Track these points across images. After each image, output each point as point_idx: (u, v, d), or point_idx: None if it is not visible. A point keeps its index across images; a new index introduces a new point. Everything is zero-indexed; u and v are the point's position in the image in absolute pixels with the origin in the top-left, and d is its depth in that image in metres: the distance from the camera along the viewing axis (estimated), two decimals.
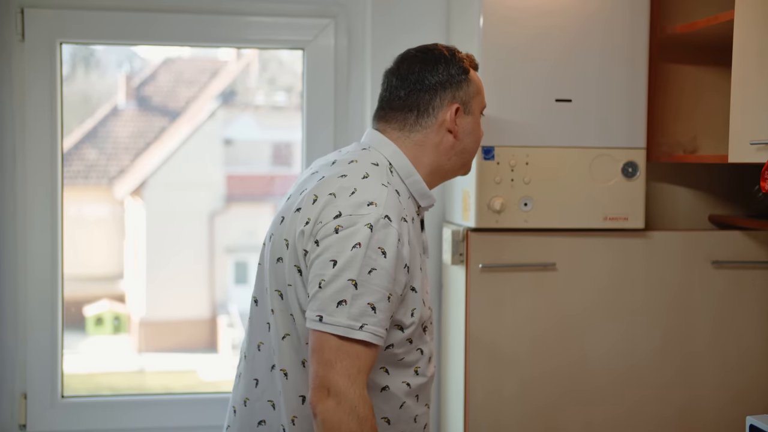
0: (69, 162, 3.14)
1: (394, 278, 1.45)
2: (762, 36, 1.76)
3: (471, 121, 1.66)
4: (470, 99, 1.65)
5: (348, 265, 1.42)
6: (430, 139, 1.61)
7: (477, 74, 1.69)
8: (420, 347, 1.59)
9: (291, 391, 1.54)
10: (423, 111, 1.61)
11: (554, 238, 2.26)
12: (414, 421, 1.60)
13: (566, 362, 2.28)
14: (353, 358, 1.40)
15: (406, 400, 1.57)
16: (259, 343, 1.60)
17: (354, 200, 1.47)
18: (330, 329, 1.40)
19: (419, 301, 1.54)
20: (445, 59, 1.64)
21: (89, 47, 3.00)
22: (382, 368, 1.55)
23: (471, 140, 1.66)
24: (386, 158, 1.59)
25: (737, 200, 2.52)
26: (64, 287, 2.59)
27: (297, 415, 1.54)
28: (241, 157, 3.53)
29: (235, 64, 3.54)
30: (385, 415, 1.57)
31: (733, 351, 2.34)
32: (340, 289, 1.41)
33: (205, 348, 3.61)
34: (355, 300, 1.41)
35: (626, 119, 2.25)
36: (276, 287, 1.55)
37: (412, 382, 1.58)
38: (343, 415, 1.37)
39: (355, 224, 1.44)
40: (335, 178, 1.52)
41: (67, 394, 2.61)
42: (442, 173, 1.66)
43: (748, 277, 2.33)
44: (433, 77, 1.62)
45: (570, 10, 2.21)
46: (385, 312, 1.43)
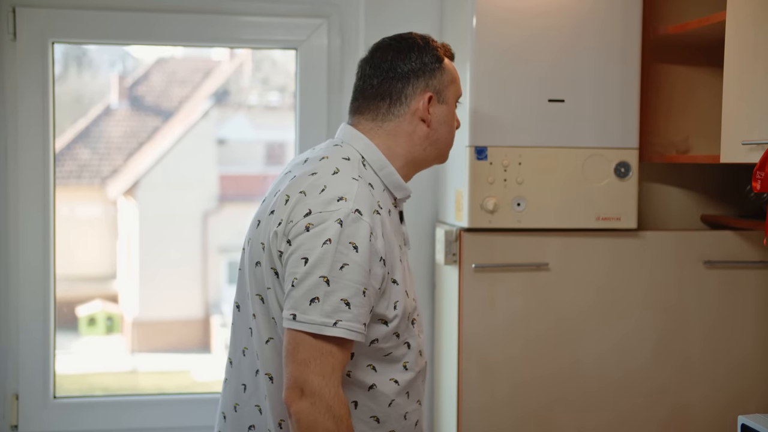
0: (61, 162, 3.13)
1: (368, 272, 1.43)
2: (753, 36, 1.77)
3: (445, 110, 1.63)
4: (444, 88, 1.63)
5: (319, 262, 1.41)
6: (402, 128, 1.60)
7: (452, 63, 1.66)
8: (407, 341, 1.57)
9: (276, 394, 1.53)
10: (395, 99, 1.60)
11: (547, 238, 2.27)
12: (404, 419, 1.58)
13: (559, 362, 2.28)
14: (327, 356, 1.39)
15: (396, 398, 1.56)
16: (244, 348, 1.59)
17: (323, 197, 1.46)
18: (303, 327, 1.39)
19: (402, 293, 1.53)
20: (419, 47, 1.62)
21: (82, 47, 2.99)
22: (369, 366, 1.54)
23: (445, 129, 1.64)
24: (359, 152, 1.58)
25: (729, 200, 2.52)
26: (57, 287, 2.58)
27: (284, 418, 1.53)
28: (235, 157, 3.52)
29: (228, 63, 3.53)
30: (374, 414, 1.55)
31: (726, 350, 2.34)
32: (312, 287, 1.40)
33: (198, 348, 3.61)
34: (327, 297, 1.40)
35: (619, 119, 2.26)
36: (257, 291, 1.54)
37: (401, 379, 1.56)
38: (318, 415, 1.37)
39: (325, 221, 1.43)
40: (306, 176, 1.51)
41: (60, 395, 2.60)
42: (417, 163, 1.64)
43: (740, 277, 2.34)
44: (406, 65, 1.60)
45: (563, 11, 2.22)
46: (360, 307, 1.42)
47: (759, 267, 2.34)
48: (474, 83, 2.20)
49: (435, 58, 1.62)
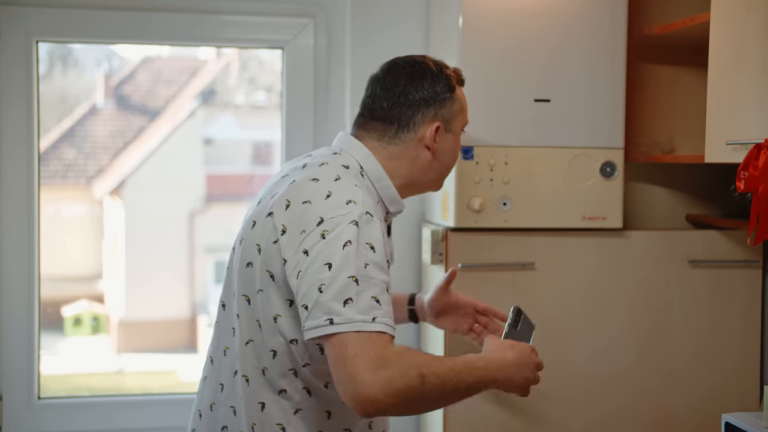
0: (47, 161, 3.12)
1: (386, 270, 1.44)
2: (737, 37, 1.78)
3: (451, 139, 1.65)
4: (453, 117, 1.64)
5: (344, 264, 1.39)
6: (407, 154, 1.61)
7: (462, 91, 1.68)
8: None
9: (251, 397, 1.52)
10: (404, 125, 1.60)
11: (533, 238, 2.27)
12: (369, 428, 1.59)
13: (546, 361, 2.27)
14: (376, 341, 1.36)
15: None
16: (225, 347, 1.59)
17: (332, 203, 1.45)
18: (345, 328, 1.36)
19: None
20: (432, 75, 1.62)
21: (67, 46, 2.98)
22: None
23: (449, 158, 1.66)
24: (357, 161, 1.58)
25: (714, 200, 2.54)
26: (42, 288, 2.57)
27: (256, 422, 1.52)
28: (221, 157, 3.52)
29: (214, 63, 3.53)
30: (347, 426, 1.56)
31: (710, 349, 2.35)
32: (343, 288, 1.38)
33: (184, 348, 3.60)
34: (359, 296, 1.38)
35: (605, 119, 2.26)
36: (244, 292, 1.53)
37: None
38: (403, 381, 1.34)
39: (340, 224, 1.42)
40: (306, 181, 1.50)
41: (44, 396, 2.59)
42: (415, 186, 1.66)
43: (725, 276, 2.35)
44: (418, 93, 1.61)
45: (549, 12, 2.22)
46: (387, 304, 1.41)
47: (744, 266, 2.35)
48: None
49: (447, 87, 1.63)
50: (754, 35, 1.71)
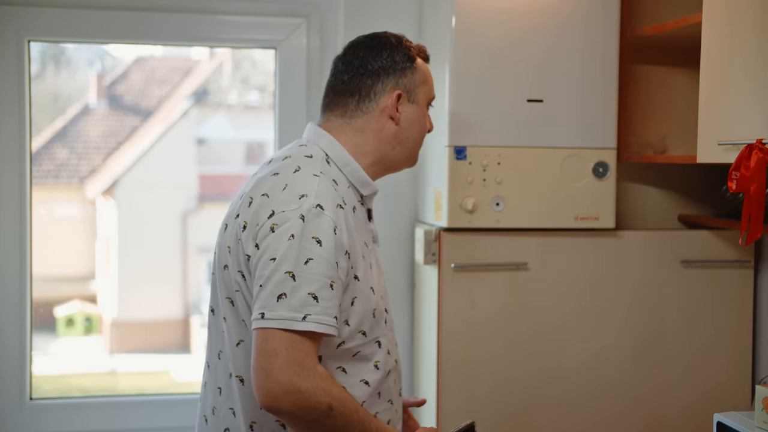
0: (39, 161, 3.11)
1: (334, 265, 1.42)
2: (729, 38, 1.78)
3: (415, 109, 1.63)
4: (415, 87, 1.63)
5: (284, 259, 1.39)
6: (370, 126, 1.60)
7: (426, 65, 1.66)
8: (378, 339, 1.57)
9: (248, 396, 1.52)
10: (364, 96, 1.60)
11: (526, 238, 2.27)
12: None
13: (539, 361, 2.29)
14: (298, 344, 1.37)
15: (367, 399, 1.55)
16: (219, 351, 1.59)
17: (285, 196, 1.46)
18: (273, 324, 1.37)
19: (365, 290, 1.52)
20: (391, 45, 1.63)
21: (59, 45, 2.97)
22: (339, 368, 1.53)
23: (415, 129, 1.63)
24: (322, 149, 1.57)
25: (706, 200, 2.54)
26: (35, 288, 2.56)
27: (255, 420, 1.53)
28: (214, 157, 3.51)
29: (207, 63, 3.52)
30: None
31: (702, 349, 2.36)
32: (279, 283, 1.39)
33: (177, 348, 3.59)
34: (294, 292, 1.38)
35: (597, 120, 2.27)
36: (227, 295, 1.54)
37: (372, 379, 1.55)
38: (307, 401, 1.36)
39: (289, 219, 1.42)
40: (269, 176, 1.51)
41: (36, 396, 2.58)
42: (386, 163, 1.63)
43: (716, 276, 2.36)
44: (376, 62, 1.61)
45: (541, 12, 2.23)
46: (329, 300, 1.40)
47: (735, 266, 2.36)
48: (453, 83, 2.20)
49: (406, 57, 1.62)
50: (746, 36, 1.72)
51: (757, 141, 1.63)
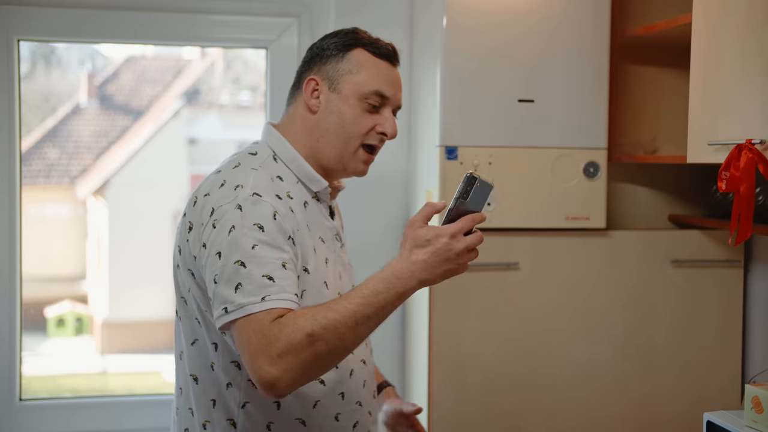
0: (29, 161, 3.10)
1: (281, 248, 1.41)
2: (719, 38, 1.79)
3: (336, 99, 1.54)
4: (339, 76, 1.54)
5: (231, 250, 1.38)
6: (297, 113, 1.57)
7: (369, 58, 1.55)
8: None
9: (201, 395, 1.51)
10: (296, 82, 1.59)
11: (517, 238, 2.28)
12: (336, 420, 1.54)
13: (528, 360, 2.29)
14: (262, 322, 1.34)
15: (323, 399, 1.52)
16: (180, 352, 1.58)
17: (223, 191, 1.44)
18: (236, 315, 1.35)
19: (314, 285, 1.49)
20: (337, 34, 1.57)
21: (49, 44, 2.96)
22: None
23: (332, 120, 1.54)
24: (270, 147, 1.56)
25: (696, 200, 2.55)
26: (24, 288, 2.55)
27: (208, 419, 1.52)
28: (206, 157, 3.50)
29: (199, 62, 3.51)
30: (299, 416, 1.53)
31: (692, 348, 2.37)
32: (232, 275, 1.36)
33: (169, 349, 3.58)
34: (248, 278, 1.36)
35: (588, 120, 2.27)
36: (181, 294, 1.53)
37: (328, 379, 1.52)
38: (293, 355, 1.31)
39: (227, 212, 1.41)
40: (212, 175, 1.51)
41: (26, 397, 2.57)
42: (317, 158, 1.57)
43: (707, 276, 2.37)
44: (312, 50, 1.58)
45: (532, 13, 2.23)
46: (285, 279, 1.38)
47: (725, 266, 2.37)
48: (444, 83, 2.20)
49: (341, 45, 1.55)
50: (736, 36, 1.73)
51: (747, 141, 1.64)
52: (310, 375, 1.35)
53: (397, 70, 1.58)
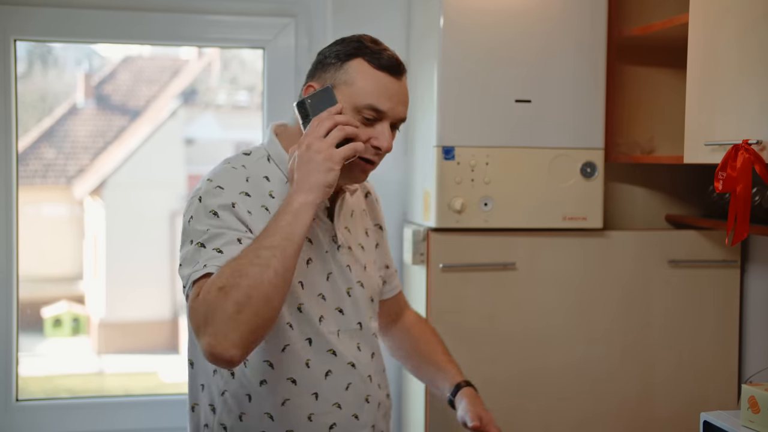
0: (26, 161, 3.09)
1: (237, 230, 1.45)
2: (716, 38, 1.79)
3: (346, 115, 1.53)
4: (336, 86, 1.52)
5: (187, 236, 1.47)
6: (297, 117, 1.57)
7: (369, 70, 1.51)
8: (308, 337, 1.56)
9: (193, 379, 1.59)
10: (299, 92, 1.62)
11: (514, 238, 2.28)
12: (309, 420, 1.56)
13: (527, 360, 2.29)
14: (194, 291, 1.40)
15: (291, 397, 1.55)
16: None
17: (197, 185, 1.53)
18: (188, 289, 1.42)
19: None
20: (342, 41, 1.55)
21: (46, 44, 2.95)
22: (266, 362, 1.54)
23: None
24: (265, 148, 1.60)
25: (693, 200, 2.56)
26: (21, 288, 2.55)
27: (197, 402, 1.60)
28: (203, 157, 3.51)
29: (196, 63, 3.52)
30: (267, 411, 1.55)
31: (689, 348, 2.37)
32: (189, 255, 1.44)
33: (166, 349, 3.58)
34: (201, 254, 1.43)
35: (585, 120, 2.27)
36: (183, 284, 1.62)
37: (300, 377, 1.55)
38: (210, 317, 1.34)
39: (191, 203, 1.50)
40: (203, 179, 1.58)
41: (22, 398, 2.57)
42: None
43: (703, 276, 2.37)
44: (318, 56, 1.59)
45: (529, 13, 2.23)
46: (236, 251, 1.40)
47: (722, 266, 2.37)
48: (441, 83, 2.20)
49: (341, 54, 1.53)
50: (733, 36, 1.73)
51: (744, 141, 1.64)
52: (249, 326, 1.34)
53: (400, 83, 1.54)
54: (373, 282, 1.70)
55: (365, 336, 1.66)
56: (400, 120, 1.55)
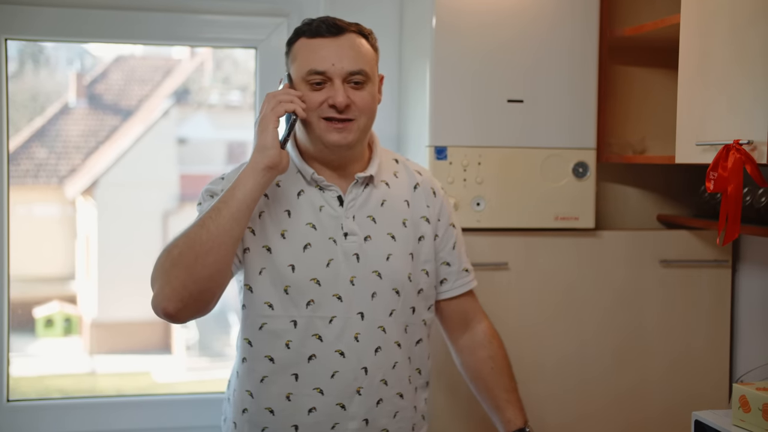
0: (17, 161, 3.08)
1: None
2: (707, 39, 1.79)
3: (299, 89, 1.62)
4: (290, 68, 1.65)
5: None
6: None
7: (306, 43, 1.63)
8: (294, 319, 1.60)
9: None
10: None
11: (506, 238, 2.28)
12: (287, 399, 1.60)
13: (519, 360, 2.29)
14: None
15: (269, 375, 1.60)
16: None
17: None
18: None
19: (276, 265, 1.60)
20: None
21: (38, 44, 2.94)
22: (246, 339, 1.62)
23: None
24: None
25: (685, 200, 2.56)
26: (12, 288, 2.54)
27: (238, 369, 1.68)
28: (195, 157, 3.49)
29: (188, 62, 3.50)
30: (248, 388, 1.63)
31: (680, 348, 2.38)
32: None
33: (158, 349, 3.57)
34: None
35: (577, 120, 2.28)
36: None
37: (278, 357, 1.60)
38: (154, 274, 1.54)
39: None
40: None
41: (14, 398, 2.56)
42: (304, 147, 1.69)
43: (695, 276, 2.38)
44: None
45: (521, 13, 2.23)
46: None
47: (713, 266, 2.38)
48: (433, 83, 2.20)
49: (288, 43, 1.68)
50: (724, 37, 1.73)
51: (735, 141, 1.64)
52: (180, 281, 1.46)
53: (337, 40, 1.62)
54: (399, 274, 1.68)
55: (368, 327, 1.64)
56: (349, 73, 1.60)
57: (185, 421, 2.60)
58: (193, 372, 3.55)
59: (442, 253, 1.79)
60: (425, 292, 1.73)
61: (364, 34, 1.67)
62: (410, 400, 1.71)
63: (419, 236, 1.73)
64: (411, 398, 1.71)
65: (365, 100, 1.61)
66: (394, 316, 1.67)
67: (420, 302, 1.72)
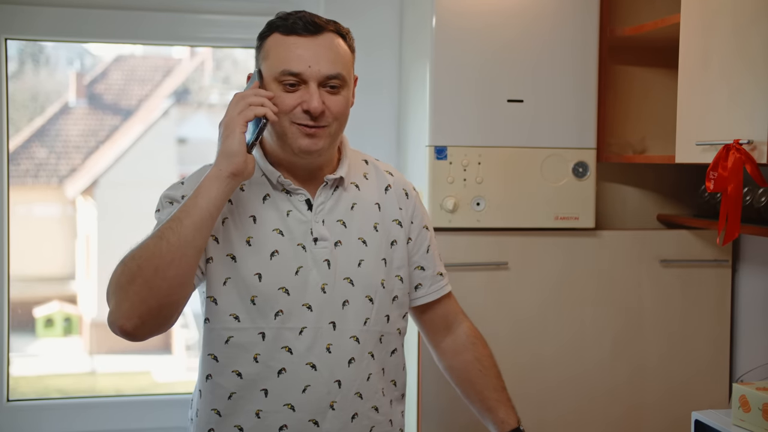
0: (17, 161, 3.08)
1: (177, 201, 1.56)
2: (707, 39, 1.79)
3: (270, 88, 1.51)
4: (261, 66, 1.53)
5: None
6: None
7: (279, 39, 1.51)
8: (262, 330, 1.50)
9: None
10: None
11: (506, 238, 2.28)
12: (257, 417, 1.51)
13: (519, 360, 2.30)
14: None
15: (237, 391, 1.50)
16: None
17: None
18: None
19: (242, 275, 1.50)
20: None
21: (38, 43, 2.94)
22: (210, 355, 1.51)
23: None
24: None
25: (684, 200, 2.56)
26: (12, 288, 2.54)
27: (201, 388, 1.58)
28: (195, 156, 3.49)
29: (188, 62, 3.50)
30: (215, 407, 1.52)
31: (681, 347, 2.38)
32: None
33: (158, 349, 3.57)
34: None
35: (577, 120, 2.28)
36: None
37: (246, 372, 1.50)
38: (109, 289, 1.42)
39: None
40: None
41: (14, 398, 2.56)
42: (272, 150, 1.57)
43: (695, 275, 2.38)
44: None
45: (521, 13, 2.23)
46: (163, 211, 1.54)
47: (713, 265, 2.38)
48: (433, 83, 2.20)
49: (260, 38, 1.55)
50: (724, 37, 1.73)
51: (735, 141, 1.64)
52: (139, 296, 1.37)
53: (314, 40, 1.50)
54: (371, 279, 1.58)
55: (340, 337, 1.54)
56: (326, 77, 1.49)
57: (185, 421, 2.59)
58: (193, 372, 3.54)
59: (416, 257, 1.69)
60: (400, 299, 1.64)
61: (341, 34, 1.56)
62: (386, 413, 1.61)
63: (392, 240, 1.63)
64: (386, 411, 1.61)
65: (340, 106, 1.51)
66: (368, 325, 1.57)
67: (394, 310, 1.62)
